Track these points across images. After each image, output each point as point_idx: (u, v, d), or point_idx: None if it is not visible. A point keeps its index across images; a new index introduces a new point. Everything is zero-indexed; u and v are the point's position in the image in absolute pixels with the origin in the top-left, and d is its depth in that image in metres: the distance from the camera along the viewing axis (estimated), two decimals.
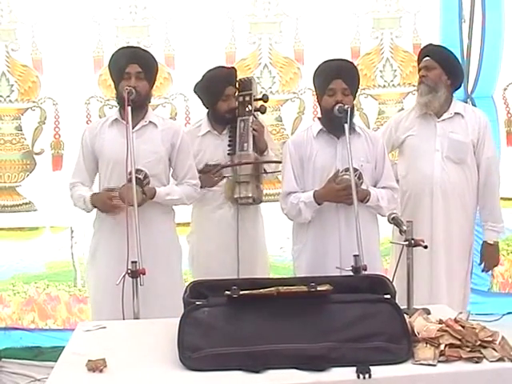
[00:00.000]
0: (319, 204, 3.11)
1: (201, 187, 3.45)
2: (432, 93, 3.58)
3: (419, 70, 3.66)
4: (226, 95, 3.64)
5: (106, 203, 3.12)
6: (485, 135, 3.66)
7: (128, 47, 3.47)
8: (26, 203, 4.31)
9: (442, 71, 3.61)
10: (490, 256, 3.78)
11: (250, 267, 3.67)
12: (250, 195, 3.60)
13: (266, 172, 3.76)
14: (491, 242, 3.75)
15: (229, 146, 3.68)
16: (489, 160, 3.67)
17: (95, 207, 3.19)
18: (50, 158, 4.29)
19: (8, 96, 4.20)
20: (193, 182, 3.34)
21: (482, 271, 3.91)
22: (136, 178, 2.99)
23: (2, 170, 4.28)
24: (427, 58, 3.61)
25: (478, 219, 3.96)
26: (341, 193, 3.03)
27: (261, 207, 3.83)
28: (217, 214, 3.68)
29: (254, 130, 3.64)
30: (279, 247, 4.37)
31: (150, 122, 3.26)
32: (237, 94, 3.74)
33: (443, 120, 3.63)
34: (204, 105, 3.75)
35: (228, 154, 3.66)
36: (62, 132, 4.26)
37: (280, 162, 3.58)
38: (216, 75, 3.67)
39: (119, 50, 3.32)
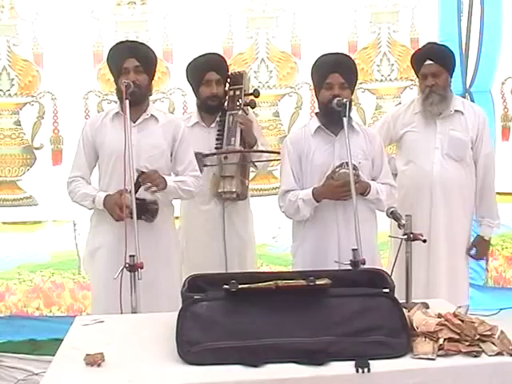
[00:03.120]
0: (318, 201, 3.10)
1: None
2: (443, 101, 3.56)
3: (423, 74, 3.58)
4: (206, 80, 3.61)
5: (113, 208, 3.07)
6: (483, 132, 3.66)
7: (124, 42, 3.46)
8: (27, 197, 4.33)
9: (448, 74, 3.60)
10: (482, 249, 3.83)
11: (239, 263, 3.68)
12: (234, 190, 3.58)
13: (253, 162, 3.74)
14: (487, 238, 3.77)
15: (217, 139, 3.66)
16: (487, 156, 3.68)
17: (106, 208, 3.14)
18: (49, 152, 4.30)
19: (8, 90, 4.20)
20: (195, 174, 3.32)
21: (471, 256, 3.89)
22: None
23: (2, 164, 4.29)
24: (430, 62, 3.55)
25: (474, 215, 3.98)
26: (338, 189, 3.03)
27: (250, 203, 3.83)
28: (203, 209, 3.66)
29: (240, 123, 3.62)
30: (272, 237, 4.38)
31: (152, 115, 3.25)
32: (228, 87, 3.73)
33: (443, 117, 3.62)
34: (194, 93, 3.75)
35: (215, 148, 3.64)
36: (60, 127, 4.26)
37: (267, 152, 3.59)
38: (198, 60, 3.66)
39: (116, 45, 3.29)
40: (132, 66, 3.13)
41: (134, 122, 3.16)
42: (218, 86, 3.64)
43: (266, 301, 2.04)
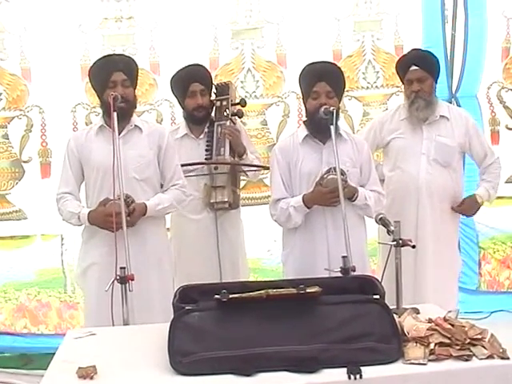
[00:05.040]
0: (309, 208, 3.11)
1: None
2: (429, 106, 3.60)
3: (409, 80, 3.62)
4: (191, 91, 3.63)
5: (106, 221, 3.03)
6: (475, 134, 3.71)
7: (111, 55, 3.45)
8: (16, 211, 4.30)
9: (433, 80, 3.63)
10: (468, 206, 3.78)
11: (232, 272, 3.69)
12: (226, 200, 3.59)
13: (245, 172, 3.77)
14: (479, 200, 3.76)
15: (206, 150, 3.67)
16: (487, 149, 3.73)
17: (93, 225, 3.13)
18: (38, 165, 4.29)
19: None
20: (180, 183, 3.32)
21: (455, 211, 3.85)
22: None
23: None
24: (416, 67, 3.59)
25: (463, 219, 4.00)
26: (328, 195, 3.03)
27: (240, 211, 3.84)
28: (196, 219, 3.67)
29: (228, 135, 3.63)
30: (267, 250, 4.37)
31: (136, 125, 3.25)
32: (214, 98, 3.75)
33: (429, 123, 3.65)
34: (180, 105, 3.76)
35: (205, 159, 3.66)
36: (48, 140, 4.27)
37: (258, 166, 3.62)
38: (181, 72, 3.68)
39: (101, 58, 3.28)
40: (120, 79, 3.13)
41: (119, 134, 3.14)
42: (202, 97, 3.65)
43: (257, 310, 2.05)
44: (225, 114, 3.70)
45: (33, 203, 4.27)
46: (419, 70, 3.59)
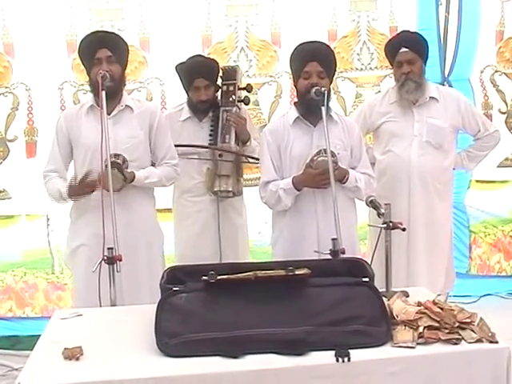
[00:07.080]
0: (298, 190, 3.09)
1: None
2: (419, 88, 3.59)
3: (399, 62, 3.60)
4: (194, 87, 3.58)
5: (86, 187, 3.00)
6: (469, 111, 3.72)
7: (95, 32, 3.39)
8: (1, 191, 4.23)
9: (422, 61, 3.61)
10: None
11: (233, 254, 3.68)
12: (230, 189, 3.59)
13: (249, 162, 3.76)
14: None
15: (210, 135, 3.64)
16: (480, 124, 3.73)
17: (73, 199, 3.11)
18: (23, 145, 4.19)
19: None
20: (172, 162, 3.29)
21: None
22: (114, 162, 2.95)
23: None
24: (406, 49, 3.57)
25: (455, 202, 3.99)
26: (318, 178, 3.01)
27: (243, 195, 3.82)
28: (197, 202, 3.67)
29: (233, 123, 3.59)
30: (257, 232, 4.34)
31: (127, 105, 3.21)
32: (220, 82, 3.69)
33: (419, 105, 3.64)
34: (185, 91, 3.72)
35: (209, 144, 3.63)
36: (35, 118, 4.16)
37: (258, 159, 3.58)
38: (189, 64, 3.62)
39: (86, 36, 3.23)
40: (104, 56, 3.08)
41: (109, 114, 3.10)
42: (206, 91, 3.60)
43: (246, 291, 2.04)
44: (231, 99, 3.64)
45: (18, 183, 4.18)
46: (409, 52, 3.58)
